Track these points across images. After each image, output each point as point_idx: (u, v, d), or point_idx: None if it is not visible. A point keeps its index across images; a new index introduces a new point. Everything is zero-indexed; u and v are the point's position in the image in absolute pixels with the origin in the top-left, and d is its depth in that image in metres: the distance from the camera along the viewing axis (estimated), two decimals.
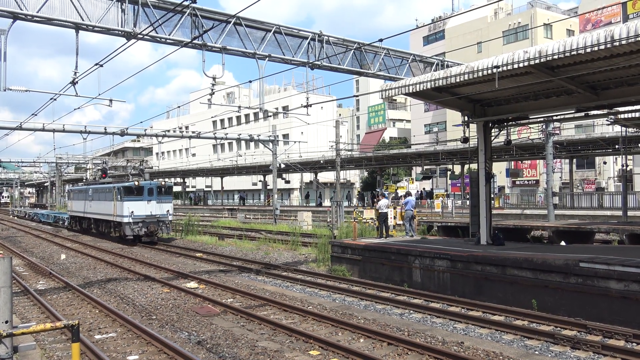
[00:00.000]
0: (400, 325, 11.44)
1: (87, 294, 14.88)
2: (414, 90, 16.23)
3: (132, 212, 27.98)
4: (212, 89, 17.47)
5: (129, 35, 14.58)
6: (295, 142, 47.68)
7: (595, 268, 11.75)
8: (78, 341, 5.27)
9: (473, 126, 18.37)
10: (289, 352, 9.66)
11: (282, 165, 43.42)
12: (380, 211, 20.94)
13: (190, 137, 38.70)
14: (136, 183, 28.72)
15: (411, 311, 12.92)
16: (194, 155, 74.93)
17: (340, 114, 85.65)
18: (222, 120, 77.47)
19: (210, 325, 11.70)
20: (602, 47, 11.30)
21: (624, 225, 22.55)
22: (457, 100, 17.34)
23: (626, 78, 13.80)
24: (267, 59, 17.65)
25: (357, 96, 39.05)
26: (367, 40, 18.88)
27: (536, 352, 9.61)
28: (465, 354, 9.20)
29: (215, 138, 40.52)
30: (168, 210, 29.22)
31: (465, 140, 17.67)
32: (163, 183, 29.58)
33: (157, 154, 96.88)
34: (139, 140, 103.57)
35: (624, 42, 10.89)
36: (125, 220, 28.04)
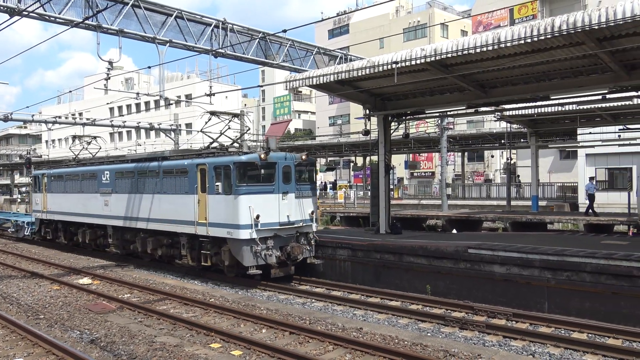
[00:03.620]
0: (302, 314, 11.60)
1: None
2: (318, 83, 16.45)
3: (258, 216, 14.19)
4: (108, 74, 16.55)
5: (12, 12, 13.37)
6: (198, 131, 46.44)
7: (481, 254, 12.66)
8: None
9: (374, 119, 18.98)
10: (189, 346, 9.46)
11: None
12: None
13: (84, 125, 36.32)
14: (262, 156, 14.50)
15: (313, 300, 13.15)
16: (88, 143, 70.45)
17: (245, 104, 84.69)
18: (119, 107, 73.58)
19: (104, 323, 11.12)
20: (490, 47, 12.12)
21: (507, 214, 24.49)
22: (359, 93, 17.81)
23: (511, 78, 14.92)
24: (168, 44, 17.01)
25: (262, 86, 38.83)
26: (273, 31, 18.76)
27: (429, 334, 10.18)
28: (364, 339, 9.54)
29: (112, 126, 38.42)
30: (312, 213, 15.72)
31: (367, 132, 18.20)
32: (304, 158, 15.71)
33: (46, 141, 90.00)
34: (25, 127, 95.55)
35: (509, 44, 11.75)
36: (245, 233, 14.03)
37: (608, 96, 14.37)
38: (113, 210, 19.36)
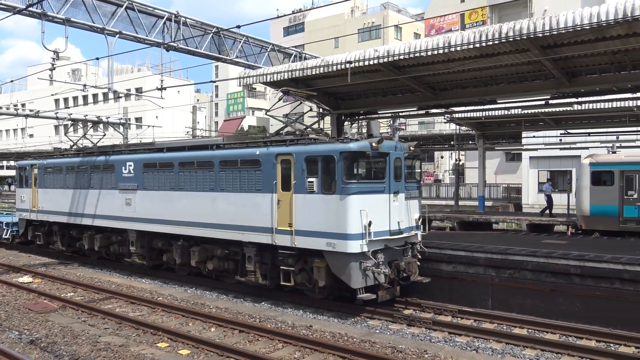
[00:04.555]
0: (253, 312, 11.55)
1: None
2: (272, 80, 16.40)
3: (370, 223, 11.08)
4: (54, 64, 15.91)
5: None
6: (148, 126, 45.34)
7: (429, 252, 12.96)
8: None
9: (328, 118, 19.08)
10: (135, 345, 9.24)
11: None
12: None
13: (27, 116, 34.72)
14: (374, 145, 11.39)
15: (263, 298, 13.10)
16: (31, 136, 67.54)
17: (198, 99, 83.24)
18: (65, 99, 70.88)
19: (45, 323, 10.71)
20: (441, 51, 12.43)
21: (455, 214, 25.16)
22: (313, 92, 17.85)
23: (460, 81, 15.33)
24: (118, 35, 16.50)
25: (215, 82, 38.28)
26: (227, 26, 18.56)
27: (377, 331, 10.35)
28: (313, 337, 9.59)
29: (58, 118, 36.78)
30: (419, 219, 12.93)
31: (320, 131, 18.21)
32: (412, 148, 12.90)
33: None
34: None
35: (458, 48, 12.08)
36: (354, 245, 10.95)
37: (550, 101, 14.99)
38: (139, 210, 15.61)
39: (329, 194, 11.16)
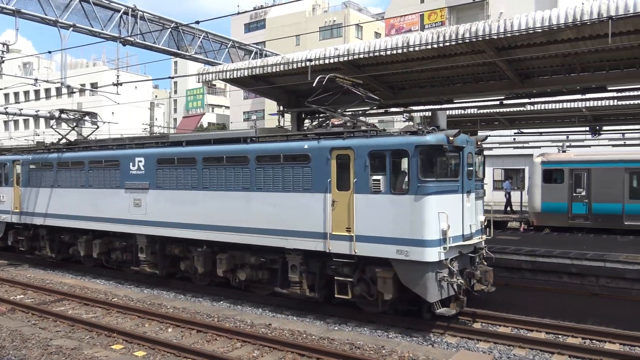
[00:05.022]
0: (211, 312, 11.43)
1: None
2: (232, 77, 16.24)
3: (449, 227, 9.88)
4: (3, 57, 15.34)
5: None
6: (104, 122, 44.16)
7: None
8: None
9: (288, 116, 19.03)
10: (89, 348, 9.00)
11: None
12: None
13: None
14: (451, 138, 10.10)
15: (222, 297, 12.98)
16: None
17: (156, 96, 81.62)
18: (16, 94, 68.23)
19: None
20: (400, 51, 12.58)
21: None
22: (274, 90, 17.77)
23: (419, 81, 15.57)
24: (72, 28, 15.99)
25: (174, 78, 37.64)
26: (186, 21, 18.27)
27: (336, 329, 10.41)
28: (272, 335, 9.57)
29: (7, 113, 35.37)
30: (484, 221, 11.71)
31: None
32: (479, 142, 11.62)
33: None
34: None
35: (417, 48, 12.27)
36: (432, 253, 9.70)
37: (505, 102, 15.40)
38: (151, 212, 13.79)
39: (400, 194, 9.82)
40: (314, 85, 11.74)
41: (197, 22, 12.90)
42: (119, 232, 14.64)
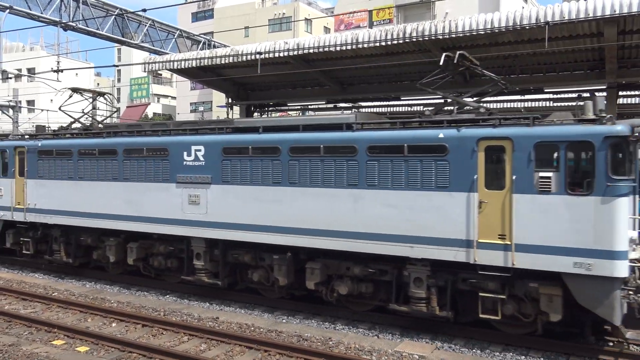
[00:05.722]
0: (157, 306, 11.27)
1: None
2: (179, 67, 16.01)
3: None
4: None
5: None
6: (42, 110, 42.29)
7: None
8: None
9: (237, 108, 18.92)
10: (28, 344, 8.71)
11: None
12: None
13: None
14: (635, 128, 8.49)
15: (169, 291, 12.82)
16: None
17: (98, 83, 78.73)
18: None
19: None
20: (349, 47, 12.79)
21: None
22: (223, 81, 17.62)
23: (367, 77, 15.85)
24: (8, 11, 15.28)
25: (118, 66, 36.48)
26: (132, 9, 17.77)
27: (284, 321, 10.52)
28: (220, 329, 9.57)
29: None
30: None
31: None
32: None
33: None
34: None
35: (365, 45, 12.50)
36: (622, 267, 8.25)
37: (449, 100, 15.88)
38: (213, 212, 11.48)
39: (580, 196, 8.28)
40: (440, 63, 10.08)
41: (144, 10, 12.62)
42: (167, 234, 12.21)
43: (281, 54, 13.77)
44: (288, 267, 10.74)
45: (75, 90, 13.79)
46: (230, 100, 18.24)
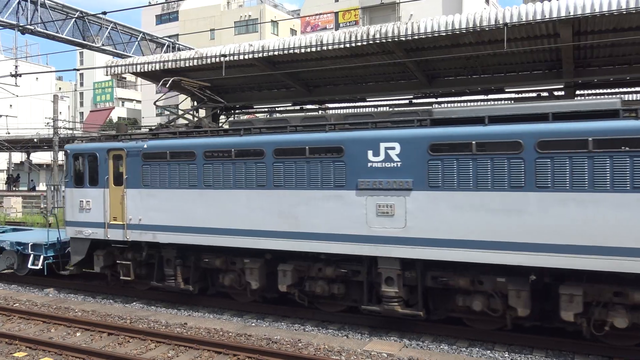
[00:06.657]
0: (123, 313, 11.07)
1: None
2: (143, 70, 15.76)
3: None
4: None
5: None
6: (0, 115, 41.02)
7: None
8: None
9: (202, 111, 18.71)
10: None
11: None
12: None
13: None
14: None
15: (135, 298, 12.60)
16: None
17: (60, 88, 76.93)
18: None
19: None
20: (314, 49, 12.83)
21: None
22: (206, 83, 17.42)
23: (333, 79, 15.92)
24: None
25: (79, 70, 35.69)
26: (93, 11, 17.43)
27: (253, 325, 10.47)
28: (188, 334, 9.46)
29: None
30: None
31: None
32: None
33: None
34: None
35: (330, 47, 12.56)
36: None
37: (414, 101, 16.11)
38: (414, 226, 9.19)
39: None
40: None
41: (104, 13, 12.42)
42: (343, 253, 9.88)
43: (246, 57, 13.71)
44: (529, 295, 8.64)
45: (177, 82, 11.42)
46: (195, 103, 18.03)
